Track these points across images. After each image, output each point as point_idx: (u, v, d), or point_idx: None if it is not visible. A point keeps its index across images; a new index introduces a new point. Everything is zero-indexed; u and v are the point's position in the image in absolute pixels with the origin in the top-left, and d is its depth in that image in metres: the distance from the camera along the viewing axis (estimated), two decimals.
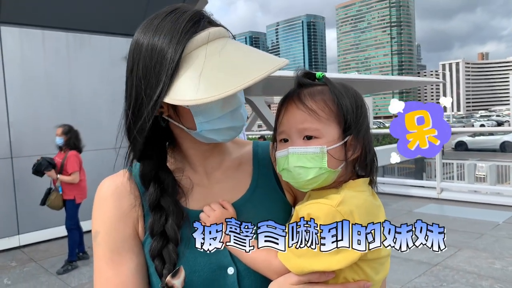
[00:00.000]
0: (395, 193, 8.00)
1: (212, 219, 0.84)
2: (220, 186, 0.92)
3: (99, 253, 0.85)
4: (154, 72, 0.75)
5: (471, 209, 6.79)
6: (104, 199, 0.87)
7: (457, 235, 5.43)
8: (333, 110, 0.81)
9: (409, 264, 4.53)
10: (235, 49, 0.78)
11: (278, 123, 0.85)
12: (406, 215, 6.62)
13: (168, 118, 0.84)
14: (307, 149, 0.80)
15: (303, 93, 0.83)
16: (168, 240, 0.82)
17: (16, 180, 5.98)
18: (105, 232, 0.85)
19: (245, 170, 0.96)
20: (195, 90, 0.72)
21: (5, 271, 5.07)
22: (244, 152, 0.99)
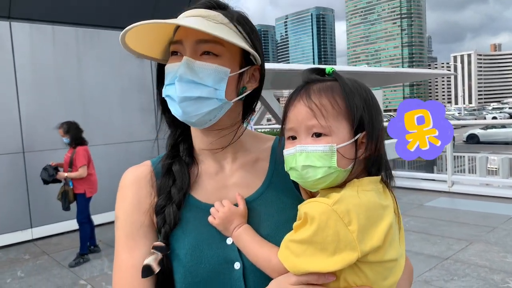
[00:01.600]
0: (406, 186, 7.95)
1: (220, 214, 0.85)
2: (234, 181, 0.92)
3: (117, 237, 0.90)
4: None
5: (483, 202, 6.72)
6: (125, 187, 0.92)
7: (469, 229, 5.38)
8: (342, 106, 0.77)
9: (420, 258, 4.50)
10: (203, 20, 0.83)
11: (286, 120, 0.82)
12: (417, 208, 6.58)
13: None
14: (316, 147, 0.76)
15: (312, 88, 0.80)
16: (172, 201, 0.87)
17: (28, 175, 6.07)
18: (123, 219, 0.90)
19: (261, 167, 0.95)
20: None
21: (19, 264, 5.15)
22: (264, 148, 0.98)
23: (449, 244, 4.89)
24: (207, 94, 0.82)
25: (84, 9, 6.49)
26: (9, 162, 5.97)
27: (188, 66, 0.81)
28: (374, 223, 0.75)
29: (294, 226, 0.78)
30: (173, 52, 0.86)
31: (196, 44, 0.82)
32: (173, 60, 0.85)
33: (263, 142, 1.00)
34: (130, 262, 0.87)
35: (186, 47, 0.83)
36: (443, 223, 5.71)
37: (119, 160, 6.31)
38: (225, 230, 0.85)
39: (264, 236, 0.84)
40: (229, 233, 0.85)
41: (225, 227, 0.85)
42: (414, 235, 5.28)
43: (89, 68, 6.64)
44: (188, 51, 0.82)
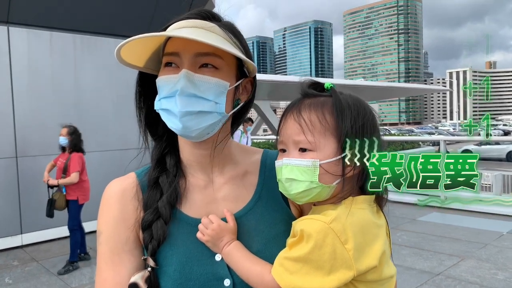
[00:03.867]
0: (398, 200, 7.95)
1: (209, 232, 0.83)
2: (222, 195, 0.90)
3: (101, 252, 0.87)
4: None
5: (475, 218, 6.74)
6: (109, 200, 0.88)
7: (461, 245, 5.38)
8: (331, 123, 0.77)
9: (411, 273, 4.49)
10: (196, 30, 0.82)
11: (279, 132, 0.84)
12: (409, 223, 6.58)
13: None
14: (300, 161, 0.77)
15: (304, 104, 0.81)
16: (159, 216, 0.84)
17: (21, 180, 6.02)
18: (107, 233, 0.86)
19: (250, 180, 0.94)
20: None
21: (7, 270, 5.08)
22: (252, 161, 0.97)
23: (441, 259, 4.88)
24: (208, 108, 0.81)
25: (82, 15, 6.51)
26: (1, 166, 5.92)
27: (188, 79, 0.79)
28: (370, 242, 0.75)
29: (288, 243, 0.78)
30: (167, 63, 0.83)
31: (196, 57, 0.80)
32: (168, 72, 0.82)
33: (251, 155, 0.99)
34: (115, 279, 0.83)
35: (184, 59, 0.80)
36: (435, 238, 5.70)
37: (114, 167, 6.27)
38: (214, 246, 0.83)
39: (255, 252, 0.83)
40: (218, 249, 0.83)
41: (214, 243, 0.83)
42: (406, 249, 5.27)
43: (85, 74, 6.64)
44: (186, 64, 0.80)
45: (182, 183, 0.90)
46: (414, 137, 25.58)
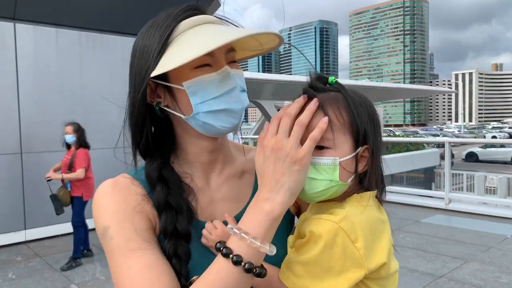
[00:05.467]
0: (402, 202, 7.93)
1: (213, 238, 0.81)
2: (221, 196, 0.90)
3: (113, 247, 0.77)
4: (147, 54, 0.81)
5: (480, 221, 6.70)
6: (109, 195, 0.83)
7: (464, 247, 5.36)
8: (347, 119, 0.75)
9: (414, 275, 4.48)
10: (223, 26, 0.83)
11: None
12: (413, 224, 6.55)
13: (166, 108, 0.85)
14: (319, 159, 0.74)
15: (318, 98, 0.76)
16: (179, 238, 0.80)
17: (25, 176, 6.05)
18: (117, 224, 0.79)
19: (247, 180, 0.93)
20: (178, 57, 0.75)
21: (10, 266, 5.11)
22: (247, 159, 0.96)
23: (444, 262, 4.86)
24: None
25: (87, 13, 6.53)
26: (6, 162, 5.96)
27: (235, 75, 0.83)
28: (378, 238, 0.75)
29: (296, 245, 0.76)
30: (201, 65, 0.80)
31: (226, 54, 0.83)
32: (203, 72, 0.80)
33: (247, 153, 0.99)
34: (140, 263, 0.74)
35: (219, 57, 0.82)
36: (439, 240, 5.68)
37: (118, 165, 6.27)
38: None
39: None
40: None
41: None
42: (409, 251, 5.25)
43: (90, 71, 6.66)
44: (221, 62, 0.82)
45: (188, 188, 0.87)
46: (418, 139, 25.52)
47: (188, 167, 0.89)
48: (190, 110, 0.81)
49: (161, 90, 0.84)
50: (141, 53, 0.82)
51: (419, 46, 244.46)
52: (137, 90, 0.81)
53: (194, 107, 0.80)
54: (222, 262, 0.69)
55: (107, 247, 0.79)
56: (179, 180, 0.85)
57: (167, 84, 0.82)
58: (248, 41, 0.89)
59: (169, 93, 0.83)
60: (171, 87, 0.82)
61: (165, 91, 0.84)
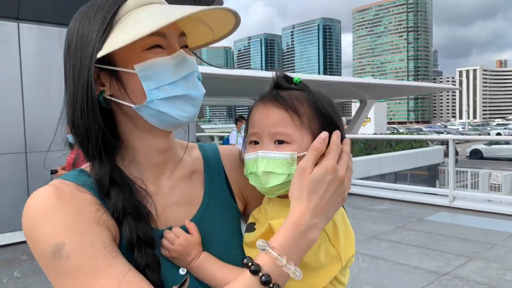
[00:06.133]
0: (406, 199, 7.91)
1: (176, 247, 0.76)
2: (175, 201, 0.82)
3: (72, 268, 0.64)
4: (89, 36, 0.70)
5: (484, 218, 6.68)
6: (56, 205, 0.68)
7: (469, 245, 5.34)
8: (309, 116, 0.78)
9: (418, 272, 4.47)
10: (172, 5, 0.74)
11: (250, 124, 0.81)
12: (416, 222, 6.54)
13: (112, 98, 0.74)
14: (278, 154, 0.76)
15: (282, 95, 0.79)
16: (145, 246, 0.72)
17: (30, 175, 6.09)
18: (75, 240, 0.65)
19: (197, 180, 0.87)
20: (127, 35, 0.67)
21: (16, 264, 5.15)
22: (194, 158, 0.90)
23: (448, 259, 4.85)
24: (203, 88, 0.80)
25: None
26: (11, 161, 6.00)
27: (192, 60, 0.76)
28: (348, 231, 0.78)
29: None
30: (153, 46, 0.72)
31: (179, 37, 0.77)
32: (157, 55, 0.72)
33: (190, 150, 0.91)
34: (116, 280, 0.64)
35: (172, 40, 0.75)
36: (443, 238, 5.67)
37: None
38: (179, 261, 0.78)
39: (217, 255, 0.80)
40: (184, 264, 0.78)
41: (181, 258, 0.77)
42: (413, 249, 5.24)
43: None
44: (175, 45, 0.75)
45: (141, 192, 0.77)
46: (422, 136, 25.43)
47: (137, 169, 0.79)
48: (142, 97, 0.71)
49: (106, 77, 0.73)
50: (80, 35, 0.72)
51: (423, 43, 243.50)
52: (82, 78, 0.70)
53: (148, 94, 0.71)
54: (248, 278, 0.65)
55: (61, 269, 0.65)
56: (132, 184, 0.75)
57: (114, 68, 0.72)
58: (199, 28, 0.83)
59: (115, 80, 0.73)
60: (118, 73, 0.72)
61: (111, 78, 0.73)
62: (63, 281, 0.65)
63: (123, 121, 0.77)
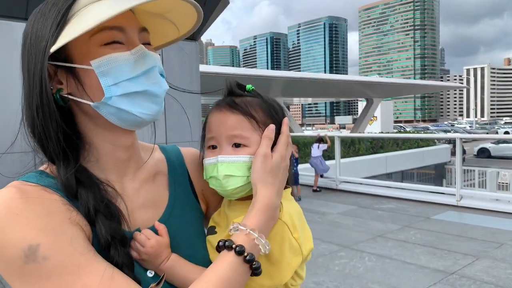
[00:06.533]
0: (413, 198, 7.88)
1: (147, 250, 0.76)
2: (140, 202, 0.81)
3: (51, 269, 0.61)
4: (43, 31, 0.68)
5: (492, 217, 6.64)
6: (24, 207, 0.64)
7: (476, 244, 5.32)
8: (263, 120, 0.83)
9: (425, 272, 4.46)
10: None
11: (208, 129, 0.85)
12: (423, 221, 6.52)
13: (69, 96, 0.71)
14: (237, 158, 0.80)
15: (237, 101, 0.83)
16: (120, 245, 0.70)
17: None
18: (51, 239, 0.62)
19: (161, 181, 0.87)
20: (80, 27, 0.64)
21: None
22: (156, 159, 0.90)
23: (456, 258, 4.83)
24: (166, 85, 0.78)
25: None
26: (19, 160, 6.05)
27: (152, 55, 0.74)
28: (305, 227, 0.84)
29: None
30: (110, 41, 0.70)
31: (139, 32, 0.74)
32: (115, 50, 0.70)
33: (150, 150, 0.90)
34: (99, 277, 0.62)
35: (131, 35, 0.73)
36: (450, 237, 5.64)
37: None
38: (149, 263, 0.77)
39: (185, 256, 0.81)
40: (153, 266, 0.77)
41: (151, 261, 0.77)
42: (420, 248, 5.22)
43: None
44: (136, 40, 0.73)
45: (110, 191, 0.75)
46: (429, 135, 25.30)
47: (100, 170, 0.76)
48: (100, 94, 0.69)
49: (62, 74, 0.71)
50: (35, 32, 0.69)
51: (430, 41, 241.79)
52: (36, 74, 0.67)
53: (106, 90, 0.68)
54: (232, 258, 0.68)
55: (35, 273, 0.61)
56: (100, 183, 0.73)
57: (70, 65, 0.70)
58: (163, 25, 0.82)
59: (72, 77, 0.70)
60: (75, 69, 0.70)
61: (68, 75, 0.71)
62: (39, 285, 0.61)
63: (83, 120, 0.74)
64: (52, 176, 0.72)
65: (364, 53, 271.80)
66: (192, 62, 7.11)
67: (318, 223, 6.57)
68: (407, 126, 59.88)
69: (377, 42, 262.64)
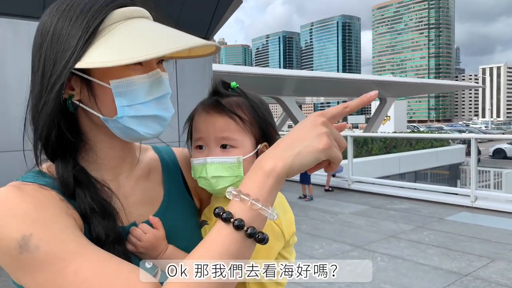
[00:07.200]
0: (426, 199, 7.80)
1: (144, 244, 0.78)
2: (135, 199, 0.84)
3: (42, 257, 0.61)
4: (69, 39, 0.68)
5: (507, 219, 6.53)
6: (19, 199, 0.66)
7: (491, 246, 5.24)
8: (250, 120, 0.85)
9: (438, 273, 4.41)
10: (160, 26, 0.75)
11: (195, 129, 0.87)
12: (437, 222, 6.45)
13: (79, 103, 0.74)
14: (225, 159, 0.83)
15: (224, 102, 0.85)
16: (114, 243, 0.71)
17: None
18: (43, 228, 0.63)
19: (155, 179, 0.90)
20: (112, 55, 0.66)
21: None
22: (149, 158, 0.93)
23: (470, 260, 4.77)
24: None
25: None
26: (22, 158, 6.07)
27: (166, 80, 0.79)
28: (287, 213, 0.87)
29: None
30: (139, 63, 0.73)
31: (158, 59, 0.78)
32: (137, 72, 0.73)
33: (144, 151, 0.93)
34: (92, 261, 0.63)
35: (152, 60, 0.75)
36: (464, 238, 5.57)
37: None
38: (146, 256, 0.79)
39: (183, 249, 0.82)
40: (151, 258, 0.79)
41: (148, 254, 0.79)
42: (433, 249, 5.17)
43: None
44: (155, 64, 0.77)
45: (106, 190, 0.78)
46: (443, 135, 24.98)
47: (97, 170, 0.79)
48: (112, 111, 0.72)
49: (77, 82, 0.73)
50: (58, 36, 0.70)
51: (445, 40, 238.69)
52: (53, 81, 0.68)
53: (119, 110, 0.71)
54: (222, 227, 0.61)
55: (29, 263, 0.62)
56: (96, 182, 0.76)
57: (89, 78, 0.71)
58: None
59: (87, 88, 0.72)
60: (91, 82, 0.71)
61: (82, 85, 0.73)
62: (32, 275, 0.62)
63: (87, 124, 0.77)
64: (49, 176, 0.74)
65: (378, 52, 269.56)
66: (205, 61, 7.15)
67: (330, 223, 6.55)
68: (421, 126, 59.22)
69: (390, 41, 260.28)
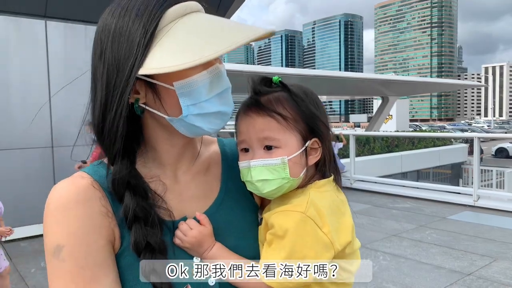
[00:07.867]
0: (429, 198, 7.79)
1: (189, 239, 0.78)
2: (190, 194, 0.85)
3: (63, 270, 0.70)
4: (129, 43, 0.70)
5: (510, 218, 6.52)
6: (67, 206, 0.72)
7: (493, 245, 5.23)
8: (293, 117, 0.80)
9: (441, 272, 4.41)
10: (215, 20, 0.74)
11: (238, 132, 0.83)
12: (439, 221, 6.44)
13: (145, 106, 0.75)
14: (269, 161, 0.78)
15: (262, 100, 0.81)
16: (155, 252, 0.73)
17: (56, 169, 6.26)
18: (72, 247, 0.70)
19: (214, 173, 0.90)
20: (174, 57, 0.67)
21: (43, 255, 5.28)
22: (212, 152, 0.93)
23: (472, 259, 4.76)
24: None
25: None
26: (38, 156, 6.17)
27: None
28: (341, 220, 0.80)
29: (267, 240, 0.79)
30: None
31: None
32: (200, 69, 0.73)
33: (208, 145, 0.94)
34: None
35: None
36: (466, 237, 5.56)
37: None
38: (192, 252, 0.79)
39: (232, 247, 0.81)
40: (197, 254, 0.79)
41: (194, 249, 0.79)
42: (435, 248, 5.17)
43: None
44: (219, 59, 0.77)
45: (158, 189, 0.79)
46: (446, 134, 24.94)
47: (156, 166, 0.82)
48: (177, 111, 0.73)
49: (142, 86, 0.74)
50: (117, 44, 0.72)
51: (447, 39, 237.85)
52: (118, 88, 0.71)
53: (184, 109, 0.73)
54: None
55: (55, 267, 0.71)
56: (148, 189, 0.77)
57: (153, 81, 0.72)
58: None
59: (152, 91, 0.74)
60: (156, 85, 0.73)
61: (147, 88, 0.74)
62: (54, 276, 0.71)
63: (150, 125, 0.79)
64: (108, 168, 0.77)
65: (380, 50, 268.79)
66: None
67: None
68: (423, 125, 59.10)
69: (393, 40, 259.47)
